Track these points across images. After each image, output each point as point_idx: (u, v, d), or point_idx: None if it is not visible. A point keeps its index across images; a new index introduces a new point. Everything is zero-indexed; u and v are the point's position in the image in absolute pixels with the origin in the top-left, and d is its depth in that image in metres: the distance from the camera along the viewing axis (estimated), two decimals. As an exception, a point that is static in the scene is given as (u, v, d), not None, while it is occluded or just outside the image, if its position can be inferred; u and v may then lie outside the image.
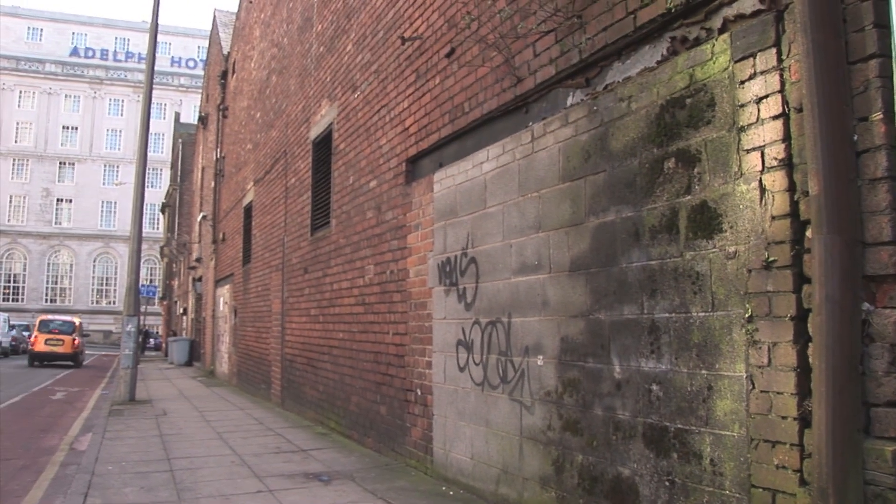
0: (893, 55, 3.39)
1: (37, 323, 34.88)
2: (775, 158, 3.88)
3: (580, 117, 5.57)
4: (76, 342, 34.07)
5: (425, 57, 8.42)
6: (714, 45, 4.38)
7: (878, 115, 3.42)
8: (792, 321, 3.71)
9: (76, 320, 36.39)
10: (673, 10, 4.66)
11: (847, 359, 3.39)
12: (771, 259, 3.85)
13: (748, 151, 4.05)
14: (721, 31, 4.37)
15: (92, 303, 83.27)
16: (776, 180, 3.86)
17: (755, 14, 4.13)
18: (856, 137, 3.51)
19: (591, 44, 5.42)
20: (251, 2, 23.06)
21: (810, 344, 3.60)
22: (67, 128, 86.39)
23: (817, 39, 3.58)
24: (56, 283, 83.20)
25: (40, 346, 33.10)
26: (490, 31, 6.84)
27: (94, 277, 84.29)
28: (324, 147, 12.97)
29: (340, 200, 11.52)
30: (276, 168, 16.91)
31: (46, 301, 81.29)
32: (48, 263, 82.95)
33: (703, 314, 4.30)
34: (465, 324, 7.21)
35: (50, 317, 36.52)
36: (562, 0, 5.75)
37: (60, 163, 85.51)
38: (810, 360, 3.59)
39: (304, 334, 13.67)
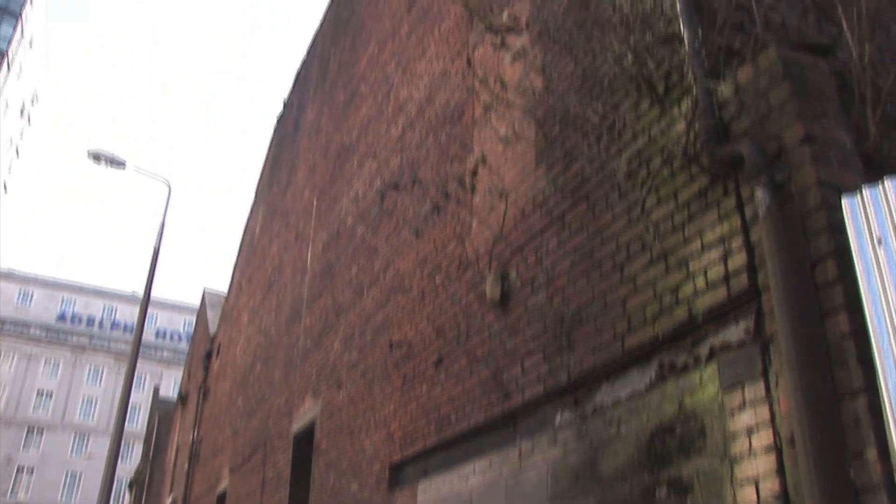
0: (881, 391, 3.37)
1: None
2: (770, 492, 3.78)
3: (569, 437, 5.51)
4: None
5: (413, 363, 8.47)
6: (702, 374, 4.41)
7: (872, 453, 3.34)
8: None
9: None
10: (660, 337, 4.74)
11: None
12: None
13: (742, 484, 3.96)
14: (709, 358, 4.40)
15: None
16: (774, 516, 3.75)
17: (741, 345, 4.19)
18: (852, 474, 3.41)
19: (580, 364, 5.46)
20: (241, 287, 23.65)
21: None
22: (42, 393, 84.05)
23: (804, 375, 3.60)
24: (-3, 566, 76.91)
25: None
26: (478, 345, 6.96)
27: (43, 561, 78.36)
28: (305, 442, 12.69)
29: (320, 500, 11.12)
30: (255, 458, 16.47)
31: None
32: (-8, 542, 77.38)
33: None
34: None
35: None
36: (550, 320, 5.90)
37: (28, 429, 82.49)
38: None
39: None
